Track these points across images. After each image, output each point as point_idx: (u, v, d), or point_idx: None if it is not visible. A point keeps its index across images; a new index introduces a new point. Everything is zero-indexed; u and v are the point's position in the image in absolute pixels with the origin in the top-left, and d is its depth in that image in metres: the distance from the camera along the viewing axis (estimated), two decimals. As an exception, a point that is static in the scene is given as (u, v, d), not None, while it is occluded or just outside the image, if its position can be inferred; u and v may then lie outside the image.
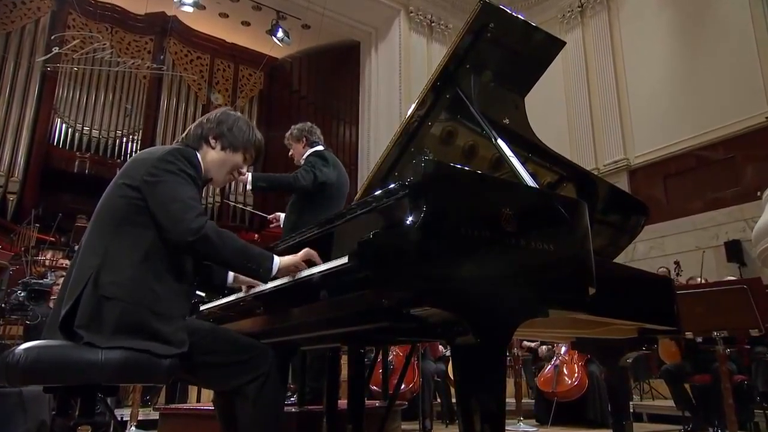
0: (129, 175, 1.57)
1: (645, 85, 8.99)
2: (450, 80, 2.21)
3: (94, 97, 11.94)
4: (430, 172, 1.35)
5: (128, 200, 1.53)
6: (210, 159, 1.71)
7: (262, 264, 1.57)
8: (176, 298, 1.52)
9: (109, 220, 1.53)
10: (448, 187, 1.37)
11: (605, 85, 9.49)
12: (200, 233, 1.47)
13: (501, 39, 2.16)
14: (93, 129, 11.80)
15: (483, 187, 1.47)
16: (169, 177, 1.52)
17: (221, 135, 1.72)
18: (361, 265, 1.22)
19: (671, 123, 8.48)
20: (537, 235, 1.46)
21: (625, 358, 2.77)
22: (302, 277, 1.50)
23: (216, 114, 1.78)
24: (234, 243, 1.55)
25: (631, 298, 2.30)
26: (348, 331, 1.66)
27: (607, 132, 9.38)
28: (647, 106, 8.92)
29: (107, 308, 1.41)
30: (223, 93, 13.20)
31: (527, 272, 1.43)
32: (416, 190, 1.34)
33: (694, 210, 8.00)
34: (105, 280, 1.43)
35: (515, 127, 2.38)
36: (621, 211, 2.86)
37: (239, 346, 1.57)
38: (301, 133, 3.48)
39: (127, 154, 12.08)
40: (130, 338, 1.39)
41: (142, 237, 1.50)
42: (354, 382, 1.89)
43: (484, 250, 1.36)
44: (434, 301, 1.27)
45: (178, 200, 1.49)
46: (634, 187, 8.85)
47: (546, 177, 2.65)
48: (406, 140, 2.40)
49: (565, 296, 1.51)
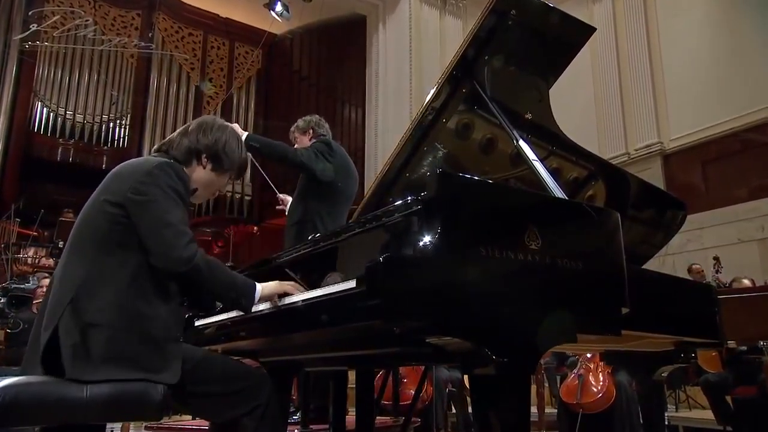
0: (111, 191, 1.57)
1: (682, 60, 8.82)
2: (468, 70, 2.19)
3: (77, 79, 11.95)
4: (445, 185, 1.33)
5: (111, 218, 1.53)
6: (197, 177, 1.74)
7: (246, 294, 1.61)
8: (167, 320, 1.53)
9: (90, 241, 1.53)
10: (466, 202, 1.35)
11: (637, 59, 9.32)
12: (191, 264, 1.50)
13: (526, 22, 2.13)
14: (77, 113, 11.83)
15: (504, 201, 1.45)
16: (160, 196, 1.52)
17: (216, 157, 1.74)
18: (370, 293, 1.21)
19: (711, 102, 8.33)
20: (564, 253, 1.44)
21: (659, 372, 2.75)
22: (306, 299, 1.48)
23: (207, 125, 1.77)
24: (221, 275, 1.59)
25: (668, 309, 2.28)
26: (354, 355, 1.65)
27: (639, 113, 9.23)
28: (684, 84, 8.76)
29: (93, 336, 1.40)
30: (217, 72, 13.17)
31: (554, 295, 1.41)
32: (430, 205, 1.32)
33: (736, 199, 7.89)
34: (89, 306, 1.43)
35: (538, 120, 2.36)
36: (654, 206, 2.83)
37: (235, 374, 1.57)
38: (308, 125, 3.47)
39: (115, 140, 12.14)
40: (120, 369, 1.39)
41: (126, 257, 1.50)
42: (362, 402, 1.89)
43: (506, 273, 1.34)
44: (451, 331, 1.26)
45: (171, 225, 1.50)
46: (668, 173, 8.76)
47: (572, 172, 2.63)
48: (420, 135, 2.38)
49: (595, 319, 1.49)
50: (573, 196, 2.61)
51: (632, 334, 2.09)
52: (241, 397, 1.54)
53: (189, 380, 1.50)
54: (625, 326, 1.66)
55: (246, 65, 13.41)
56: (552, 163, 2.52)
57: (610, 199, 2.67)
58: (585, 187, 2.68)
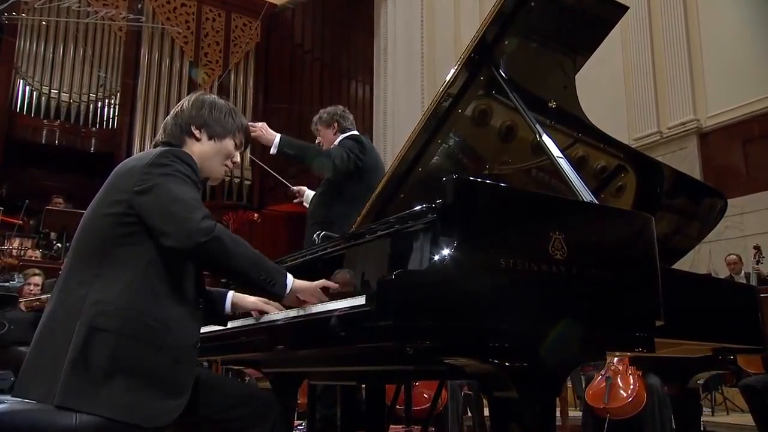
0: (115, 189, 1.56)
1: (722, 31, 8.65)
2: (489, 51, 2.15)
3: (61, 54, 11.99)
4: (462, 191, 1.31)
5: (115, 218, 1.51)
6: (200, 152, 1.71)
7: (277, 279, 1.57)
8: (182, 324, 1.52)
9: (95, 245, 1.52)
10: (484, 210, 1.34)
11: (673, 30, 9.15)
12: (211, 234, 1.46)
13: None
14: (62, 92, 11.90)
15: (526, 208, 1.43)
16: (164, 179, 1.51)
17: (205, 123, 1.73)
18: (381, 313, 1.20)
19: (753, 77, 8.19)
20: (593, 263, 1.43)
21: (695, 380, 2.74)
22: (312, 313, 1.48)
23: (190, 101, 1.77)
24: (248, 251, 1.55)
25: (706, 314, 2.27)
26: (365, 370, 1.65)
27: (673, 87, 9.09)
28: (724, 57, 8.60)
29: (96, 344, 1.40)
30: (213, 47, 13.13)
31: (582, 310, 1.40)
32: (445, 214, 1.31)
33: (780, 182, 7.80)
34: (96, 310, 1.43)
35: (563, 106, 2.34)
36: (689, 195, 2.81)
37: (240, 396, 1.57)
38: (333, 118, 3.44)
39: (104, 121, 12.18)
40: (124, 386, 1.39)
41: (136, 257, 1.49)
42: (373, 419, 1.90)
43: (529, 286, 1.33)
44: (470, 352, 1.25)
45: (180, 200, 1.48)
46: (705, 154, 8.64)
47: (599, 160, 2.61)
48: (435, 125, 2.36)
49: (627, 335, 1.47)
50: (601, 188, 2.60)
51: (665, 342, 2.09)
52: (247, 421, 1.54)
53: (188, 405, 1.48)
54: (658, 334, 1.65)
55: (244, 39, 13.36)
56: (578, 151, 2.51)
57: (641, 191, 2.65)
58: (614, 178, 2.66)
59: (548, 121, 2.32)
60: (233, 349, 1.87)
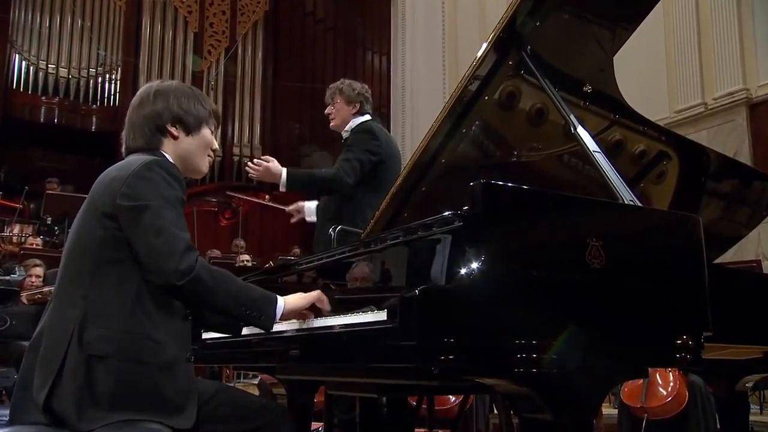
0: (101, 201, 1.58)
1: (774, -10, 8.46)
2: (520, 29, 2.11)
3: (58, 26, 12.01)
4: (490, 197, 1.29)
5: (104, 232, 1.54)
6: (182, 151, 1.73)
7: (264, 310, 1.60)
8: (174, 339, 1.55)
9: (85, 261, 1.55)
10: (514, 217, 1.32)
11: (719, -10, 8.97)
12: (191, 275, 1.48)
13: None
14: (60, 67, 11.94)
15: (560, 213, 1.41)
16: (151, 199, 1.53)
17: (178, 118, 1.73)
18: (404, 331, 1.19)
19: (810, 41, 8.00)
20: (634, 271, 1.41)
21: (743, 382, 2.72)
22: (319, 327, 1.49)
23: (150, 96, 1.75)
24: (230, 286, 1.58)
25: (756, 315, 2.23)
26: (385, 383, 1.66)
27: (720, 55, 8.89)
28: (777, 19, 8.41)
29: (99, 371, 1.44)
30: (219, 16, 13.07)
31: (622, 324, 1.38)
32: (472, 223, 1.29)
33: (843, 159, 7.64)
34: (93, 338, 1.46)
35: (599, 86, 2.30)
36: (737, 179, 2.79)
37: (249, 410, 1.60)
38: (358, 98, 3.34)
39: (105, 98, 12.22)
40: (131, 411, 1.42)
41: (128, 274, 1.52)
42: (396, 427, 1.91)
43: (564, 300, 1.32)
44: (500, 372, 1.24)
45: (163, 232, 1.50)
46: (755, 127, 8.47)
47: (638, 144, 2.59)
48: (461, 110, 2.33)
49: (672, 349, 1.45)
50: (641, 175, 2.57)
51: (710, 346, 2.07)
52: None
53: (199, 418, 1.52)
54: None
55: (252, 7, 13.27)
56: (614, 135, 2.49)
57: (683, 176, 2.63)
58: (656, 164, 2.63)
59: (582, 102, 2.30)
60: (245, 358, 1.89)
